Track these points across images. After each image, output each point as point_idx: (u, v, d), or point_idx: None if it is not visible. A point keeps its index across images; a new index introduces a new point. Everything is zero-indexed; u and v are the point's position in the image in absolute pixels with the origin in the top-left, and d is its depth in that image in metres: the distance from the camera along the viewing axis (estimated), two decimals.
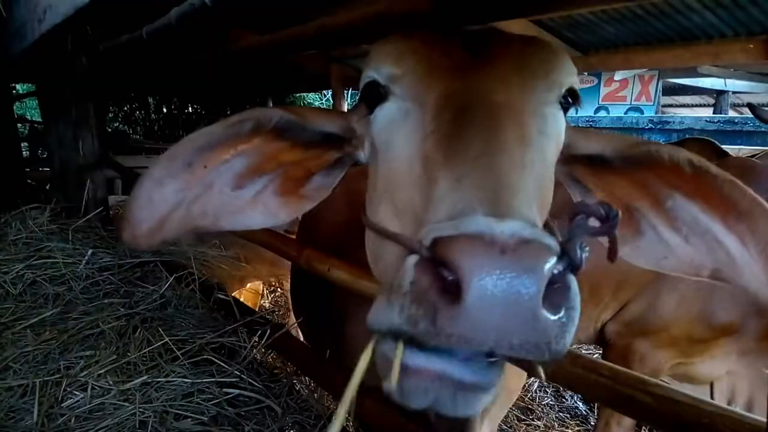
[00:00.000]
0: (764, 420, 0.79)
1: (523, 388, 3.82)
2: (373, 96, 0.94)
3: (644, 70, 11.32)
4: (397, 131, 0.90)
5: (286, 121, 0.98)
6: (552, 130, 0.90)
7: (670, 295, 2.32)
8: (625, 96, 13.08)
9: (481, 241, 0.57)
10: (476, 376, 0.65)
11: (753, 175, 2.37)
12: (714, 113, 12.31)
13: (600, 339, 2.68)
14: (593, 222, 0.67)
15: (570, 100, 0.94)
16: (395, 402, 0.69)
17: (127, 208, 0.91)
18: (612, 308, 2.54)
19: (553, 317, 0.58)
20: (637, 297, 2.41)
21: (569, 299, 0.60)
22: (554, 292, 0.59)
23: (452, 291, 0.58)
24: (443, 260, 0.59)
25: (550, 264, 0.57)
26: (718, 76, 8.47)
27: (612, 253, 0.82)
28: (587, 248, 0.62)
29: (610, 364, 1.00)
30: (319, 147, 1.03)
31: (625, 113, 12.72)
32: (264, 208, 1.02)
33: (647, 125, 11.40)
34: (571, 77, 0.93)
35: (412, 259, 0.64)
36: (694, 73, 8.39)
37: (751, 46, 4.16)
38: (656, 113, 12.62)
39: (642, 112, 12.65)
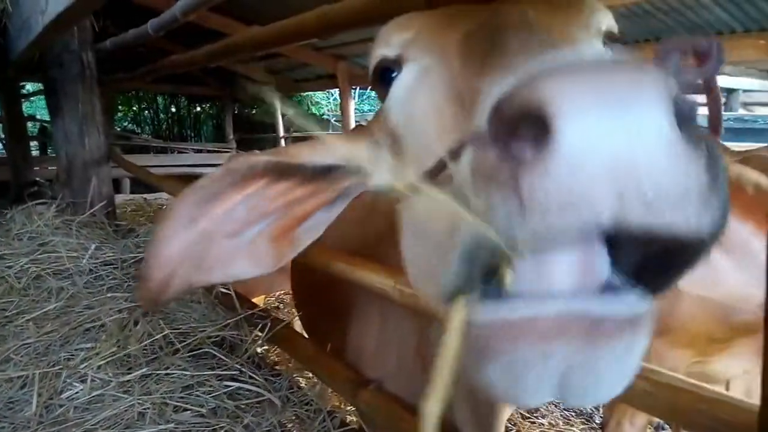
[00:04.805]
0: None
1: None
2: (386, 74, 0.83)
3: None
4: (419, 89, 0.77)
5: (274, 165, 0.92)
6: None
7: (690, 294, 2.27)
8: None
9: (566, 69, 0.40)
10: (619, 301, 0.44)
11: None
12: (724, 112, 12.20)
13: None
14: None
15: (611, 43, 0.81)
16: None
17: (143, 267, 0.94)
18: None
19: (694, 153, 0.39)
20: None
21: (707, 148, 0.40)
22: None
23: (534, 147, 0.39)
24: (511, 118, 0.40)
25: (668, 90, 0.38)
26: (728, 75, 8.37)
27: (716, 122, 0.59)
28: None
29: None
30: (326, 179, 0.95)
31: None
32: (253, 257, 0.98)
33: None
34: (607, 18, 0.79)
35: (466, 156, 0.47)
36: None
37: (762, 42, 4.11)
38: None
39: None
